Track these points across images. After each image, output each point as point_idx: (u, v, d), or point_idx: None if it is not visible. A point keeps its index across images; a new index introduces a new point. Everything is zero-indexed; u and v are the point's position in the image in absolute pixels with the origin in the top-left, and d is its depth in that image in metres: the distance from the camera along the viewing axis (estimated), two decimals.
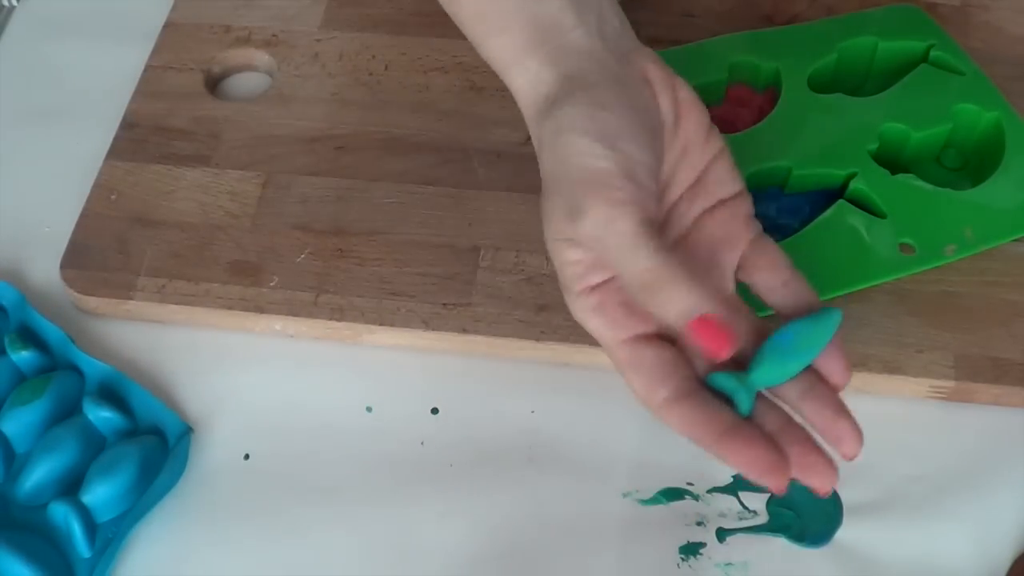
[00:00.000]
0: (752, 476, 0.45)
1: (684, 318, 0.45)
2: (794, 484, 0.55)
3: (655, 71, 0.50)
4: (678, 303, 0.45)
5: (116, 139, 0.67)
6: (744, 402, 0.47)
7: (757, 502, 0.55)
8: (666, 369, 0.48)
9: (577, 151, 0.48)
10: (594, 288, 0.49)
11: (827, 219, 0.59)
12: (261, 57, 0.71)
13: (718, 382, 0.48)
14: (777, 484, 0.45)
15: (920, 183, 0.60)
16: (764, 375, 0.47)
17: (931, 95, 0.63)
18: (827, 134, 0.62)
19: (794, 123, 0.62)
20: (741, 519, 0.55)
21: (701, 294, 0.45)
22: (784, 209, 0.62)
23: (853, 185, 0.60)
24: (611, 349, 0.50)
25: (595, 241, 0.47)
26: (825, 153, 0.61)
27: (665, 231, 0.51)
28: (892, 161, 0.61)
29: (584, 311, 0.50)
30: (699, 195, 0.51)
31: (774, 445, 0.46)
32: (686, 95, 0.51)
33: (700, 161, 0.51)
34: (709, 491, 0.56)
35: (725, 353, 0.45)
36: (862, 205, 0.59)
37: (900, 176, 0.60)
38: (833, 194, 0.60)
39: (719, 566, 0.53)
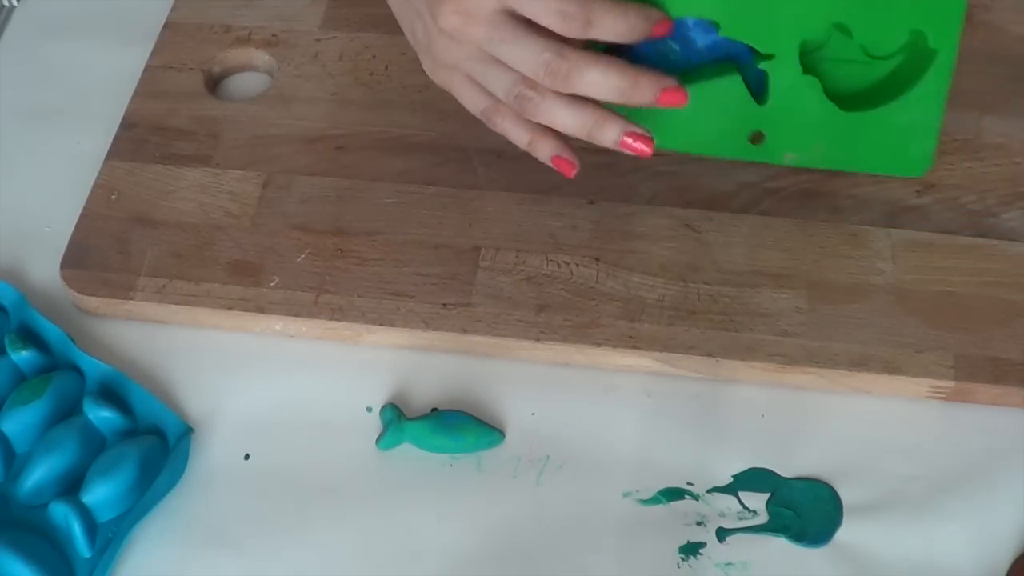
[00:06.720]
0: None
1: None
2: (794, 484, 0.56)
3: None
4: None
5: (116, 139, 0.67)
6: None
7: (757, 502, 0.55)
8: None
9: None
10: None
11: (715, 79, 0.58)
12: (261, 57, 0.72)
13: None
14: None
15: (818, 93, 0.58)
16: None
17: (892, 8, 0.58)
18: (778, 7, 0.57)
19: None
20: (741, 519, 0.55)
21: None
22: (686, 39, 0.58)
23: (760, 65, 0.58)
24: None
25: None
26: (762, 23, 0.57)
27: None
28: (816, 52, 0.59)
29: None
30: None
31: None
32: None
33: None
34: (709, 491, 0.56)
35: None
36: (754, 84, 0.58)
37: (807, 77, 0.58)
38: (739, 57, 0.58)
39: (719, 566, 0.53)
